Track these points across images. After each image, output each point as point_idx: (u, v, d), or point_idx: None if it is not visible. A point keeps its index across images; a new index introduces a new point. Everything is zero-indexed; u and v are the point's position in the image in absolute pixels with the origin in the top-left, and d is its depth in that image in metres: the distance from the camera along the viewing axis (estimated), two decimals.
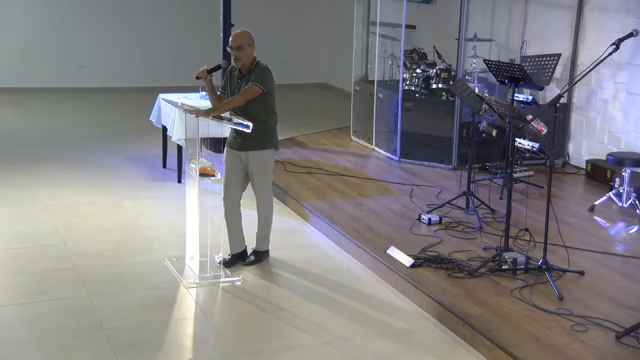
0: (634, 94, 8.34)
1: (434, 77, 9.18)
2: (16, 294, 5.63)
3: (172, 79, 13.17)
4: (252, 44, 5.94)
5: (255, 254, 6.24)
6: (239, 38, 5.90)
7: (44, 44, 13.37)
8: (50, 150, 9.72)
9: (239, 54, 5.87)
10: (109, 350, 4.85)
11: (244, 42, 5.88)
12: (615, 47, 5.60)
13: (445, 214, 7.06)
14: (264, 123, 5.93)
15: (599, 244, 6.55)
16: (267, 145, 5.99)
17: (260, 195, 6.10)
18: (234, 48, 5.87)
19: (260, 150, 5.97)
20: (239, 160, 6.02)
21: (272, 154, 6.08)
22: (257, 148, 5.95)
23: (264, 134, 5.96)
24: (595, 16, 8.75)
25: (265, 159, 6.02)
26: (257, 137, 5.87)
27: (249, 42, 5.91)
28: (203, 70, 5.93)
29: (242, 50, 5.87)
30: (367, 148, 9.76)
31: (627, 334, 4.85)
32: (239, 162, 6.02)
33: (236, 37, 5.91)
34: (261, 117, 5.90)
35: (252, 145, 5.93)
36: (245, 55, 5.88)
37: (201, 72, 5.93)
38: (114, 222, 7.21)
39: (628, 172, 7.39)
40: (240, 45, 5.86)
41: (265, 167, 6.05)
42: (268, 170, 6.09)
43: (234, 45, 5.88)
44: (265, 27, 14.01)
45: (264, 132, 5.94)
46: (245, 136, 5.79)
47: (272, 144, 6.04)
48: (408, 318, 5.44)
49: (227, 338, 5.08)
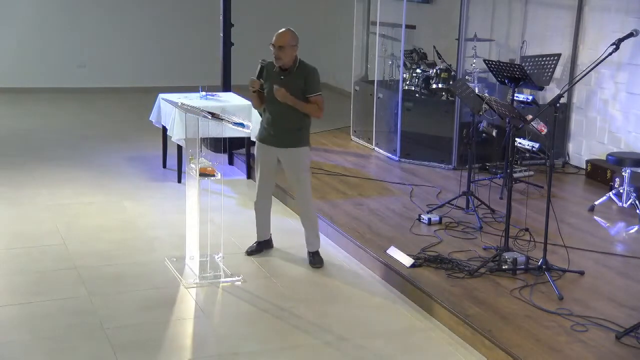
0: (634, 94, 8.34)
1: (434, 77, 9.18)
2: (16, 294, 5.63)
3: (172, 79, 13.20)
4: (295, 45, 5.83)
5: (316, 255, 6.27)
6: (282, 38, 5.79)
7: (43, 44, 13.37)
8: (50, 150, 9.72)
9: (281, 54, 5.79)
10: (109, 350, 4.85)
11: (287, 43, 5.78)
12: (615, 47, 5.60)
13: (445, 214, 7.06)
14: (304, 121, 5.97)
15: (599, 244, 6.55)
16: (303, 143, 6.00)
17: (298, 195, 6.17)
18: (275, 47, 5.78)
19: (298, 147, 5.97)
20: (274, 156, 6.04)
21: (308, 152, 6.09)
22: (295, 145, 5.96)
23: (302, 132, 5.98)
24: (595, 16, 8.75)
25: (302, 156, 6.03)
26: (295, 135, 5.93)
27: (292, 43, 5.80)
28: (256, 81, 5.90)
29: (284, 51, 5.78)
30: (367, 148, 9.76)
31: (627, 334, 4.85)
32: (272, 157, 6.05)
33: (280, 37, 5.79)
34: (300, 117, 5.93)
35: (289, 141, 5.94)
36: (287, 56, 5.80)
37: (256, 83, 5.90)
38: (114, 222, 7.21)
39: (628, 172, 7.39)
40: (282, 45, 5.77)
41: (304, 164, 6.06)
42: (307, 168, 6.10)
43: (276, 44, 5.78)
44: (265, 27, 13.99)
45: (302, 130, 5.97)
46: (282, 132, 5.88)
47: (308, 142, 6.06)
48: (408, 318, 5.44)
49: (227, 338, 5.08)
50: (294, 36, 5.81)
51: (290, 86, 5.85)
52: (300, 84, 5.89)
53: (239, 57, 9.70)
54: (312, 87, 5.91)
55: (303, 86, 5.88)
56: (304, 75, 5.88)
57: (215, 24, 9.50)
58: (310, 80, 5.89)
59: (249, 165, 8.75)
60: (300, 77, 5.89)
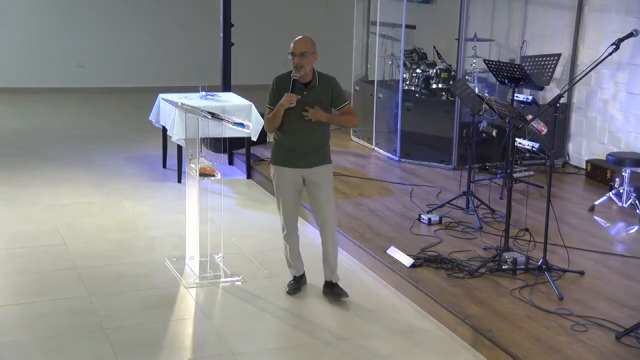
0: (634, 94, 8.34)
1: (434, 77, 9.18)
2: (16, 294, 5.63)
3: (172, 79, 13.20)
4: (315, 52, 5.44)
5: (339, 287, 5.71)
6: (304, 44, 5.40)
7: (43, 44, 13.38)
8: (50, 150, 9.72)
9: (302, 61, 5.35)
10: (109, 350, 4.85)
11: (308, 49, 5.38)
12: (615, 47, 5.60)
13: (445, 214, 7.06)
14: (328, 137, 5.62)
15: (599, 244, 6.55)
16: (328, 159, 5.62)
17: (329, 215, 5.59)
18: (296, 55, 5.36)
19: (326, 164, 5.56)
20: (299, 178, 5.53)
21: (332, 168, 5.70)
22: (322, 163, 5.53)
23: (327, 148, 5.61)
24: (595, 16, 8.75)
25: (330, 173, 5.63)
26: (322, 152, 5.55)
27: (313, 49, 5.41)
28: (294, 96, 5.35)
29: (306, 58, 5.36)
30: (367, 148, 9.76)
31: (627, 334, 4.85)
32: (298, 181, 5.54)
33: (300, 43, 5.40)
34: (327, 132, 5.59)
35: (317, 160, 5.51)
36: (308, 64, 5.38)
37: (293, 98, 5.35)
38: (114, 222, 7.21)
39: (628, 172, 7.39)
40: (304, 52, 5.36)
41: (330, 181, 5.62)
42: (332, 185, 5.65)
43: (297, 52, 5.36)
44: (265, 27, 14.05)
45: (327, 146, 5.60)
46: (308, 151, 5.45)
47: (330, 158, 5.66)
48: (408, 318, 5.44)
49: (227, 338, 5.08)
50: (314, 42, 5.46)
51: (316, 101, 5.41)
52: (327, 97, 5.46)
53: (239, 57, 9.70)
54: (342, 97, 5.52)
55: (330, 98, 5.47)
56: (330, 86, 5.47)
57: (215, 24, 9.50)
58: (338, 91, 5.50)
59: (249, 165, 8.75)
60: (326, 88, 5.46)
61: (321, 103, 5.42)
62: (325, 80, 5.48)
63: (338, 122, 5.66)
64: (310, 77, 5.44)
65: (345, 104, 5.54)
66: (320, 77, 5.48)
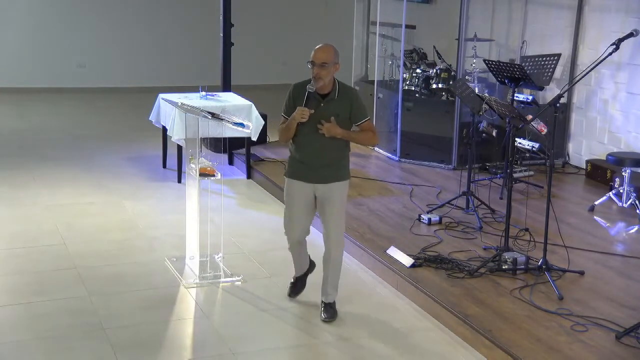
0: (634, 94, 8.34)
1: (434, 77, 9.18)
2: (16, 294, 5.63)
3: (172, 79, 13.20)
4: (338, 63, 5.03)
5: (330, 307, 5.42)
6: (325, 54, 4.96)
7: (43, 44, 13.38)
8: (50, 150, 9.72)
9: (322, 73, 4.95)
10: (109, 350, 4.85)
11: (330, 60, 4.96)
12: (615, 47, 5.60)
13: (445, 214, 7.06)
14: (346, 152, 5.30)
15: (599, 244, 6.55)
16: (347, 176, 5.31)
17: (334, 232, 5.28)
18: (316, 64, 4.95)
19: (342, 181, 5.25)
20: (310, 193, 5.23)
21: (348, 185, 5.36)
22: (339, 179, 5.22)
23: (344, 163, 5.29)
24: (595, 16, 8.75)
25: (344, 191, 5.30)
26: (339, 167, 5.23)
27: (335, 60, 4.99)
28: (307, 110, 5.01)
29: (326, 69, 4.95)
30: (367, 148, 9.75)
31: (627, 334, 4.85)
32: (309, 196, 5.24)
33: (322, 53, 4.97)
34: (344, 146, 5.25)
35: (333, 176, 5.19)
36: (328, 75, 4.98)
37: (305, 112, 5.01)
38: (114, 222, 7.21)
39: (628, 172, 7.39)
40: (325, 62, 4.95)
41: (342, 199, 5.30)
42: (344, 204, 5.34)
43: (317, 62, 4.95)
44: (265, 27, 14.05)
45: (344, 160, 5.28)
46: (323, 166, 5.16)
47: (349, 173, 5.37)
48: (408, 318, 5.44)
49: (227, 338, 5.07)
50: (337, 52, 5.03)
51: (333, 115, 5.05)
52: (345, 111, 5.08)
53: (239, 57, 9.70)
54: (361, 112, 5.14)
55: (349, 113, 5.10)
56: (349, 99, 5.09)
57: (215, 24, 9.50)
58: (358, 105, 5.12)
59: (249, 165, 8.75)
60: (345, 102, 5.08)
61: (338, 117, 5.07)
62: (345, 93, 5.10)
63: (354, 139, 5.27)
64: (329, 88, 5.05)
65: (364, 119, 5.17)
66: (341, 88, 5.09)
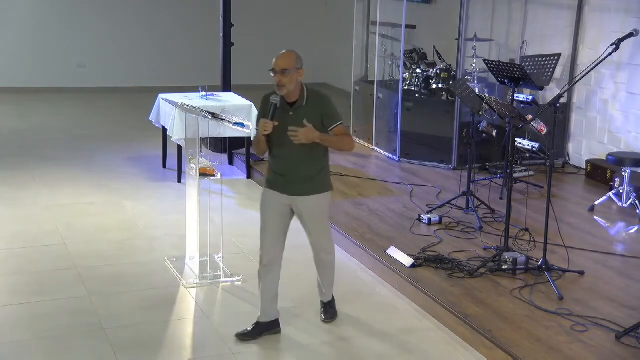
0: (634, 94, 8.34)
1: (434, 77, 9.18)
2: (16, 294, 5.63)
3: (172, 79, 13.20)
4: (300, 67, 4.84)
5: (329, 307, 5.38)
6: (286, 60, 4.82)
7: (43, 43, 13.38)
8: (50, 150, 9.72)
9: (284, 80, 4.78)
10: (109, 350, 4.85)
11: (291, 66, 4.80)
12: (615, 47, 5.61)
13: (445, 214, 7.06)
14: (325, 161, 5.04)
15: (599, 244, 6.55)
16: (326, 188, 5.04)
17: (321, 242, 5.13)
18: (277, 72, 4.79)
19: (319, 194, 4.99)
20: (286, 205, 5.02)
21: (329, 196, 5.10)
22: (315, 192, 4.97)
23: (323, 175, 5.02)
24: (595, 16, 8.75)
25: (324, 202, 5.06)
26: (315, 179, 4.97)
27: (297, 65, 4.82)
28: (270, 123, 4.83)
29: (288, 75, 4.78)
30: (367, 148, 9.76)
31: (627, 334, 4.85)
32: (285, 208, 5.03)
33: (281, 59, 4.83)
34: (322, 156, 5.00)
35: (309, 188, 4.95)
36: (291, 82, 4.80)
37: (268, 126, 4.82)
38: (114, 222, 7.21)
39: (628, 172, 7.39)
40: (285, 68, 4.78)
41: (324, 212, 5.09)
42: (326, 215, 5.14)
43: (277, 69, 4.79)
44: (266, 27, 14.05)
45: (322, 172, 5.01)
46: (300, 178, 4.93)
47: (330, 185, 5.09)
48: (408, 318, 5.44)
49: (227, 338, 5.07)
50: (299, 58, 4.87)
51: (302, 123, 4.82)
52: (316, 118, 4.86)
53: (239, 57, 9.69)
54: (333, 117, 4.91)
55: (320, 118, 4.87)
56: (319, 105, 4.89)
57: (215, 24, 9.51)
58: (329, 110, 4.90)
59: (248, 165, 8.75)
60: (315, 108, 4.88)
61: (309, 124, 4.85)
62: (314, 99, 4.90)
63: (332, 143, 4.94)
64: (297, 95, 4.87)
65: (337, 124, 4.93)
66: (310, 95, 4.90)
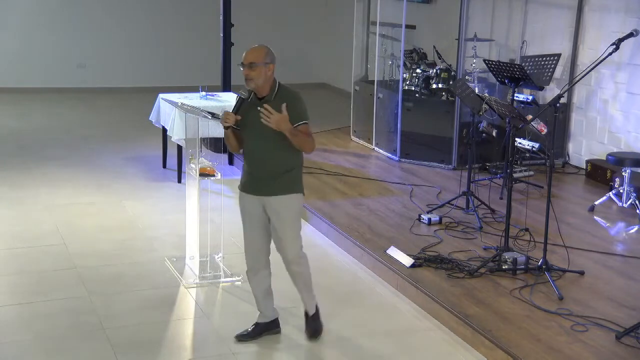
0: (634, 94, 8.34)
1: (434, 77, 9.18)
2: (16, 294, 5.63)
3: (172, 79, 13.20)
4: (270, 62, 4.75)
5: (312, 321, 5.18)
6: (254, 54, 4.75)
7: (43, 43, 13.37)
8: (50, 150, 9.72)
9: (251, 73, 4.71)
10: (109, 350, 4.85)
11: (259, 60, 4.72)
12: (615, 47, 5.61)
13: (445, 214, 7.06)
14: (296, 160, 4.89)
15: (599, 244, 6.55)
16: (296, 188, 4.87)
17: (288, 250, 4.92)
18: (245, 65, 4.73)
19: (288, 194, 4.83)
20: (259, 206, 4.87)
21: (300, 200, 4.93)
22: (282, 192, 4.81)
23: (294, 174, 4.87)
24: (595, 16, 8.75)
25: (295, 205, 4.90)
26: (286, 178, 4.82)
27: (266, 60, 4.72)
28: (231, 114, 4.76)
29: (256, 69, 4.71)
30: (367, 148, 9.76)
31: (627, 334, 4.85)
32: (259, 210, 4.88)
33: (250, 53, 4.77)
34: (291, 155, 4.84)
35: (278, 187, 4.80)
36: (259, 76, 4.71)
37: (230, 117, 4.76)
38: (114, 222, 7.21)
39: (628, 172, 7.39)
40: (253, 62, 4.71)
41: (292, 215, 4.88)
42: (294, 220, 4.91)
43: (245, 62, 4.74)
44: (265, 27, 14.04)
45: (294, 170, 4.87)
46: (269, 176, 4.80)
47: (301, 187, 4.92)
48: (408, 318, 5.44)
49: (227, 338, 5.07)
50: (269, 53, 4.77)
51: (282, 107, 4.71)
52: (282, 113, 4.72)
53: (239, 57, 9.67)
54: (298, 114, 4.73)
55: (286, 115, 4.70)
56: (287, 101, 4.73)
57: (215, 24, 9.51)
58: (294, 106, 4.74)
59: None
60: (282, 103, 4.72)
61: None
62: (283, 95, 4.79)
63: (297, 139, 4.73)
64: (267, 90, 4.78)
65: (301, 122, 4.75)
66: (280, 91, 4.81)
